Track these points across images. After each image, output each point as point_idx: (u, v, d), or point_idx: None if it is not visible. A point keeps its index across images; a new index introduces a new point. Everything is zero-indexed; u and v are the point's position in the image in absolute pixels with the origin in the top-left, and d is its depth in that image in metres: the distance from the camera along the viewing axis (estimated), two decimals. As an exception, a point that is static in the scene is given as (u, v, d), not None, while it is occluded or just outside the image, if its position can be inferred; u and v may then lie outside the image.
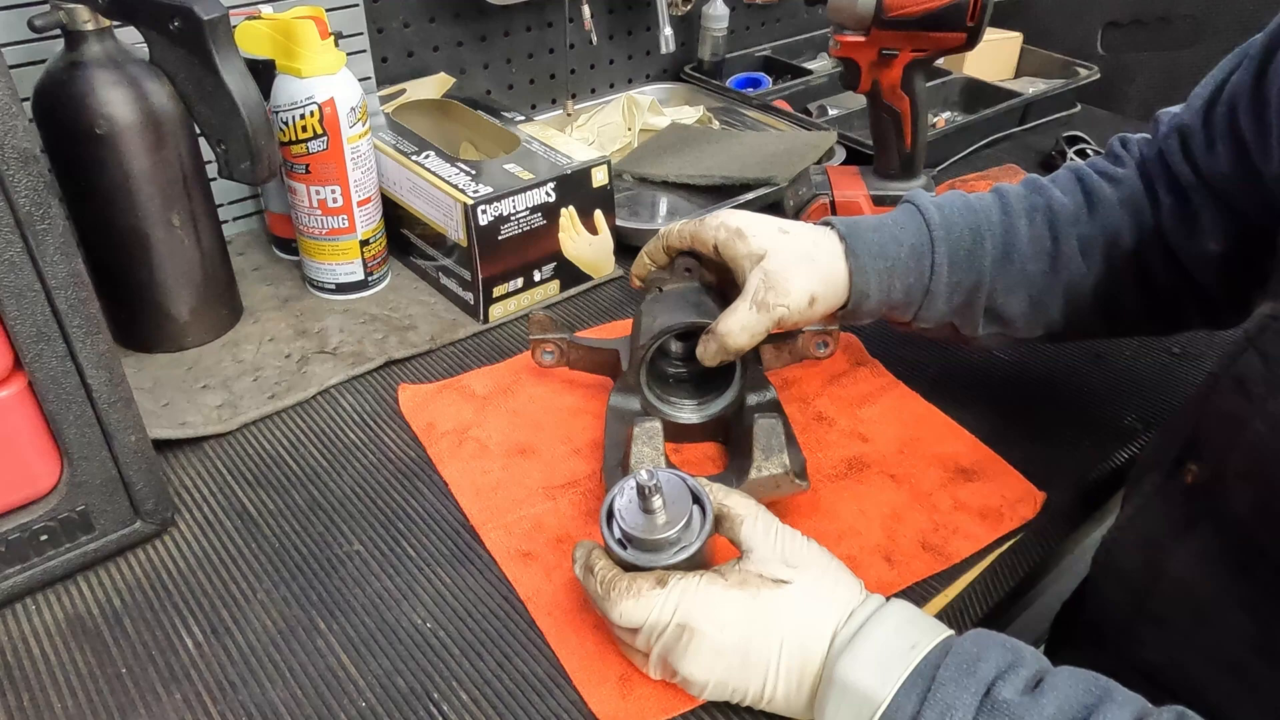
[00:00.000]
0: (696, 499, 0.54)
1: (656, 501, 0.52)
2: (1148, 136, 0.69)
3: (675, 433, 0.71)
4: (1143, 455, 0.63)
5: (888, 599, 0.51)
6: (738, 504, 0.54)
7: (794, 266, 0.64)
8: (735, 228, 0.66)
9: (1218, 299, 0.65)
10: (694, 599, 0.51)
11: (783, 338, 0.70)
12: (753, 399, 0.69)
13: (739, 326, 0.63)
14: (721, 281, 0.70)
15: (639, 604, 0.51)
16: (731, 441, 0.70)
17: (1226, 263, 0.63)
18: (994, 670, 0.45)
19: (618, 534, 0.54)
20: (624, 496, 0.54)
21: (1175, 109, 0.66)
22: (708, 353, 0.65)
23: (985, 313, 0.67)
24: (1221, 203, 0.62)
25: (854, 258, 0.65)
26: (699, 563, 0.54)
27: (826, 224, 0.67)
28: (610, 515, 0.54)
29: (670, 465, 0.65)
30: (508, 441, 0.71)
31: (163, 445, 0.70)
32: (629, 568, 0.53)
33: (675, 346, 0.72)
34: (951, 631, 0.49)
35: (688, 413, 0.71)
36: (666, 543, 0.53)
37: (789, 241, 0.65)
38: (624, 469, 0.63)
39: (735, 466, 0.66)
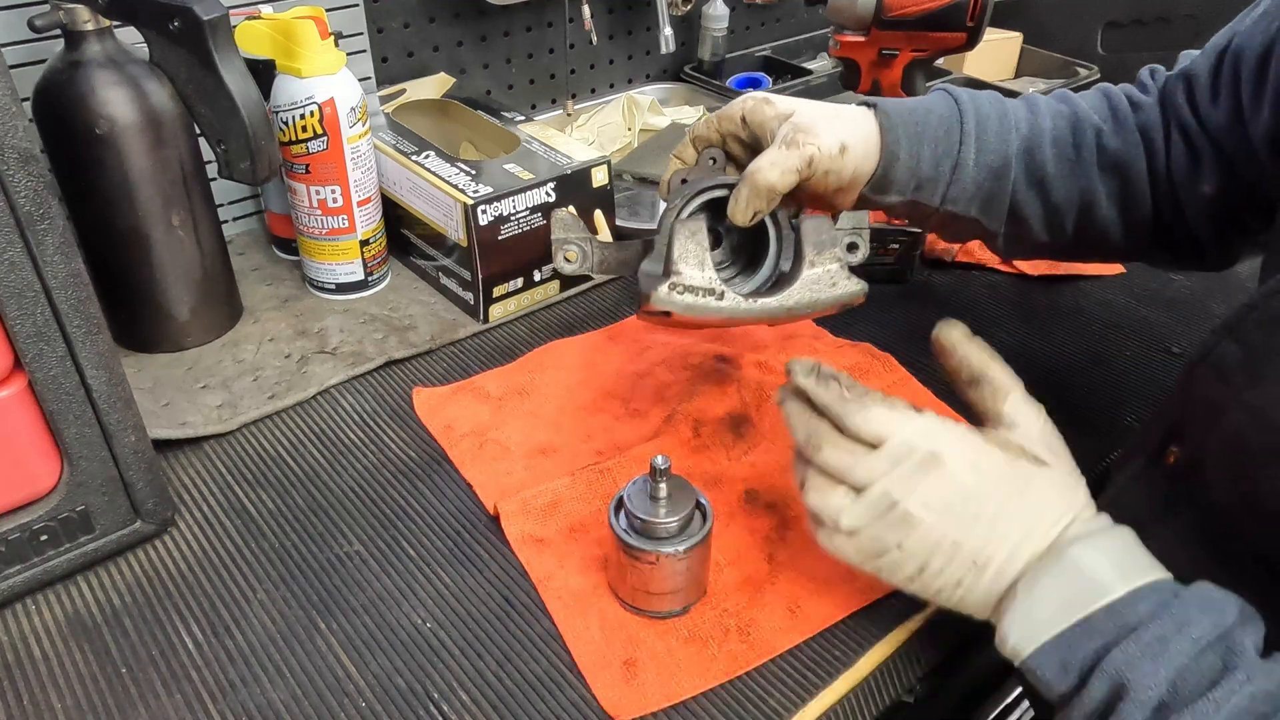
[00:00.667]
0: (699, 506, 0.57)
1: (664, 489, 0.55)
2: (1172, 72, 0.69)
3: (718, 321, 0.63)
4: (1129, 441, 0.64)
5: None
6: (1002, 375, 0.53)
7: (823, 119, 0.62)
8: (761, 97, 0.65)
9: (1206, 241, 0.66)
10: (954, 433, 0.50)
11: (817, 242, 0.63)
12: (788, 269, 0.64)
13: (768, 162, 0.59)
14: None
15: (895, 414, 0.50)
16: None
17: (1215, 207, 0.64)
18: (1234, 618, 0.44)
19: (624, 522, 0.57)
20: (635, 487, 0.57)
21: (1196, 52, 0.67)
22: (739, 202, 0.60)
23: (1008, 208, 0.66)
24: (1217, 149, 0.63)
25: (884, 116, 0.63)
26: (691, 567, 0.56)
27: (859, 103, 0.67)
28: (620, 505, 0.57)
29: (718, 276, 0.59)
30: (528, 442, 0.72)
31: (163, 445, 0.70)
32: (629, 550, 0.55)
33: (706, 234, 0.63)
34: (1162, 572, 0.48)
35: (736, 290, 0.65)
36: (665, 531, 0.55)
37: (817, 104, 0.65)
38: (665, 271, 0.58)
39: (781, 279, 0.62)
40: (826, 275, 0.59)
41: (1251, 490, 0.49)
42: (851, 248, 0.63)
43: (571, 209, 0.66)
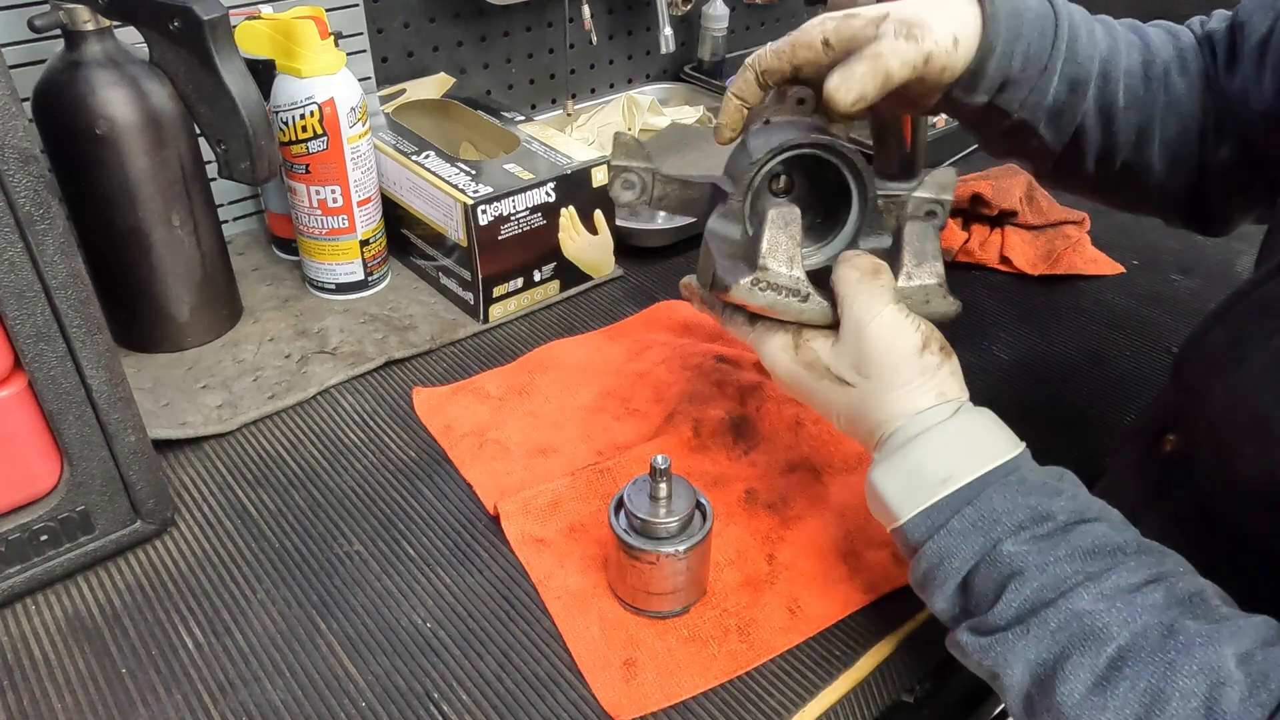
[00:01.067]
0: (699, 506, 0.57)
1: (664, 489, 0.55)
2: (1201, 31, 0.66)
3: None
4: (1127, 427, 0.64)
5: (956, 410, 0.51)
6: (852, 285, 0.52)
7: (929, 9, 0.56)
8: (842, 13, 0.57)
9: (1215, 205, 0.65)
10: (766, 354, 0.56)
11: (892, 201, 0.59)
12: (869, 243, 0.58)
13: (889, 48, 0.53)
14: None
15: (735, 327, 0.58)
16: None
17: (1229, 173, 0.62)
18: (1009, 527, 0.47)
19: (624, 522, 0.56)
20: (635, 487, 0.57)
21: (1225, 12, 0.64)
22: (850, 80, 0.53)
23: (1073, 130, 0.62)
24: (1233, 115, 0.61)
25: (990, 4, 0.57)
26: (691, 567, 0.56)
27: None
28: (620, 505, 0.57)
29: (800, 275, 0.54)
30: (528, 442, 0.72)
31: (163, 445, 0.70)
32: (629, 550, 0.56)
33: (783, 181, 0.59)
34: (999, 462, 0.49)
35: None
36: (665, 531, 0.55)
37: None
38: (750, 262, 0.53)
39: None
40: (921, 291, 0.54)
41: (1232, 470, 0.50)
42: (931, 213, 0.59)
43: (635, 133, 0.60)
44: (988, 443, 0.50)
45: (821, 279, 0.56)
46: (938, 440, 0.50)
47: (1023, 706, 0.46)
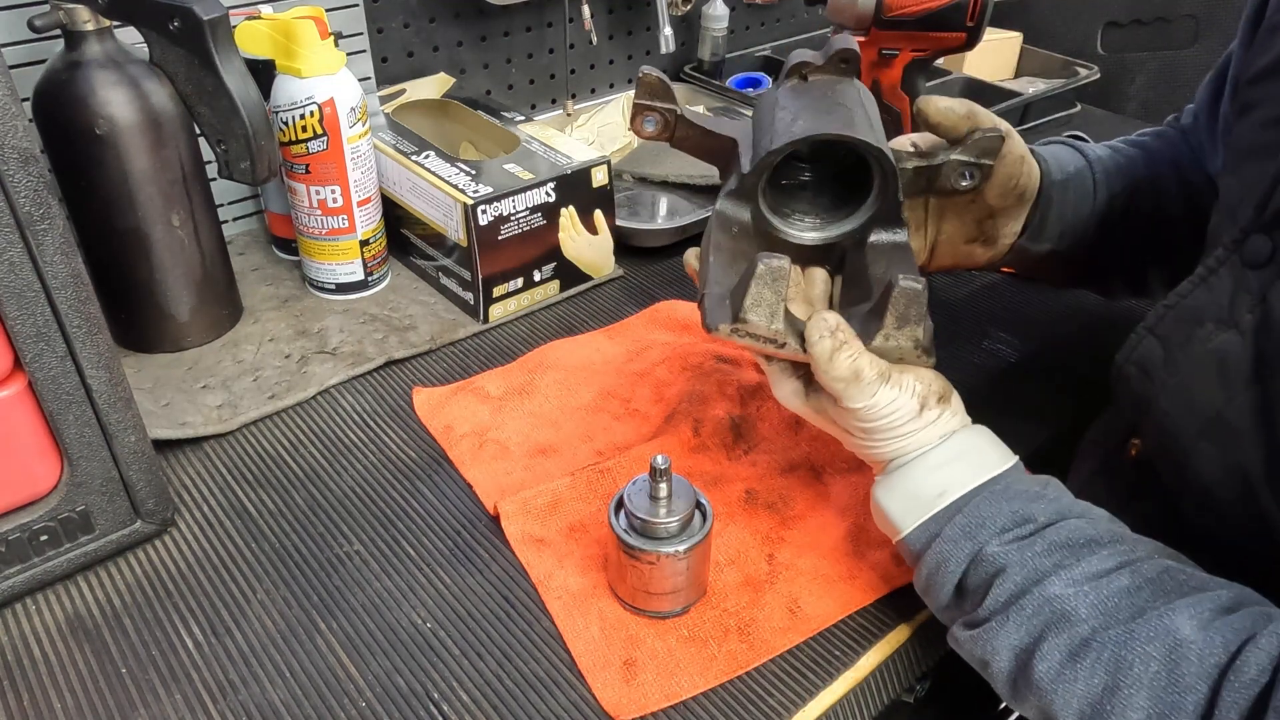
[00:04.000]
0: (699, 506, 0.57)
1: (664, 489, 0.55)
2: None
3: (782, 250, 0.55)
4: (1090, 434, 0.67)
5: (954, 433, 0.55)
6: (840, 386, 0.52)
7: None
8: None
9: (1144, 269, 0.75)
10: (780, 396, 0.58)
11: (928, 162, 0.60)
12: (879, 235, 0.58)
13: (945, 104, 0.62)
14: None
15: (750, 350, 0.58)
16: (846, 276, 0.60)
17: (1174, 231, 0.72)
18: (994, 530, 0.51)
19: (624, 522, 0.56)
20: (635, 486, 0.57)
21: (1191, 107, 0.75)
22: (936, 103, 0.62)
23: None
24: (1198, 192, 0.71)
25: (1043, 162, 0.70)
26: (691, 567, 0.57)
27: None
28: (620, 505, 0.57)
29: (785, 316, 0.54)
30: (528, 442, 0.72)
31: (163, 445, 0.70)
32: (629, 550, 0.56)
33: (806, 149, 0.57)
34: (991, 474, 0.53)
35: (805, 230, 0.59)
36: (665, 531, 0.55)
37: None
38: (734, 310, 0.53)
39: (854, 314, 0.56)
40: (896, 351, 0.54)
41: (1191, 471, 0.54)
42: (965, 176, 0.60)
43: (662, 78, 0.59)
44: (980, 460, 0.54)
45: (827, 254, 0.59)
46: (935, 460, 0.54)
47: (1010, 690, 0.50)
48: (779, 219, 0.59)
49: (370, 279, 0.88)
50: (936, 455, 0.54)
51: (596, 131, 1.16)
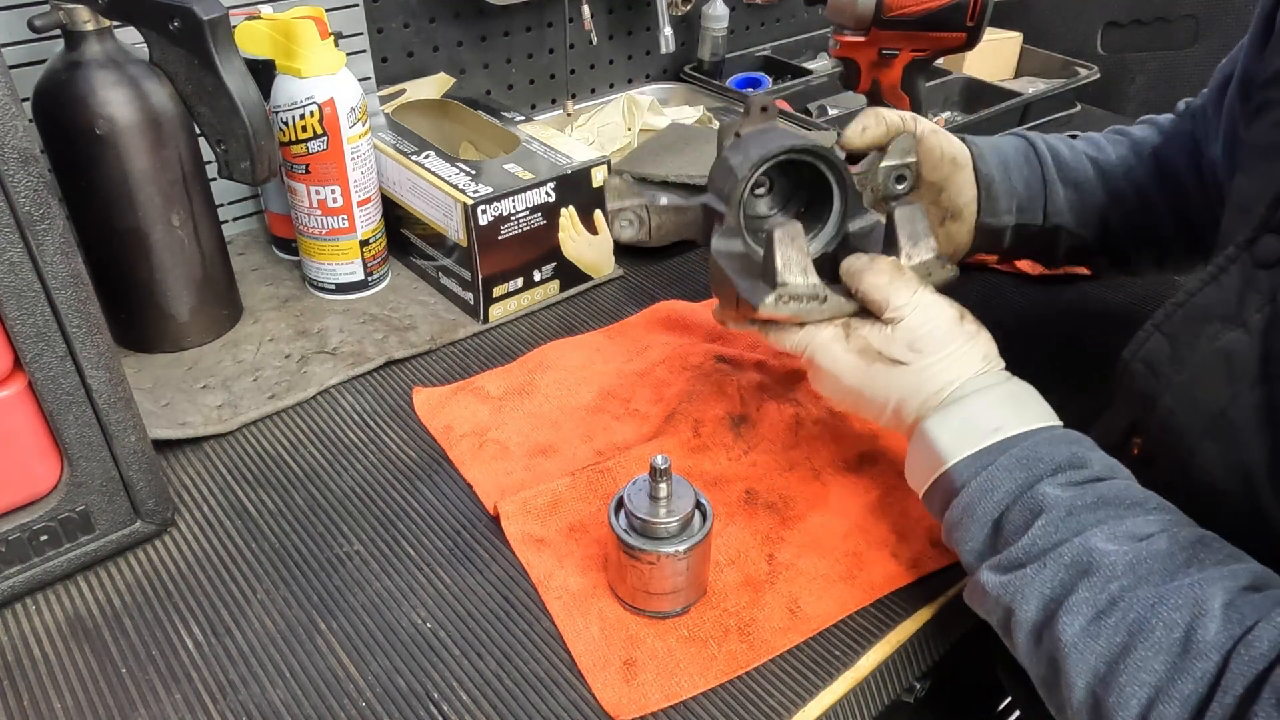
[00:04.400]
0: (699, 506, 0.57)
1: (664, 489, 0.55)
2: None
3: None
4: (1091, 433, 0.67)
5: (1007, 379, 0.57)
6: (885, 283, 0.57)
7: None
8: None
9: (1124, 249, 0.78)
10: (819, 347, 0.59)
11: (864, 175, 0.66)
12: (856, 225, 0.64)
13: (887, 110, 0.68)
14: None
15: (782, 336, 0.60)
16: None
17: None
18: (1049, 468, 0.51)
19: (624, 522, 0.56)
20: (635, 486, 0.57)
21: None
22: (860, 126, 0.67)
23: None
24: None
25: (971, 144, 0.73)
26: (691, 567, 0.56)
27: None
28: (620, 505, 0.57)
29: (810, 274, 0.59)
30: (528, 442, 0.72)
31: (163, 445, 0.70)
32: (629, 550, 0.55)
33: (766, 185, 0.65)
34: (1043, 424, 0.54)
35: None
36: (665, 531, 0.55)
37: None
38: (769, 280, 0.57)
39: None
40: (923, 267, 0.59)
41: (1194, 470, 0.55)
42: (899, 179, 0.66)
43: (627, 175, 0.65)
44: (1034, 407, 0.56)
45: (822, 267, 0.60)
46: (991, 396, 0.55)
47: (1031, 641, 0.49)
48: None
49: (370, 279, 0.88)
50: (993, 393, 0.55)
51: (596, 131, 1.15)
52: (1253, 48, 0.63)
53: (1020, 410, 0.55)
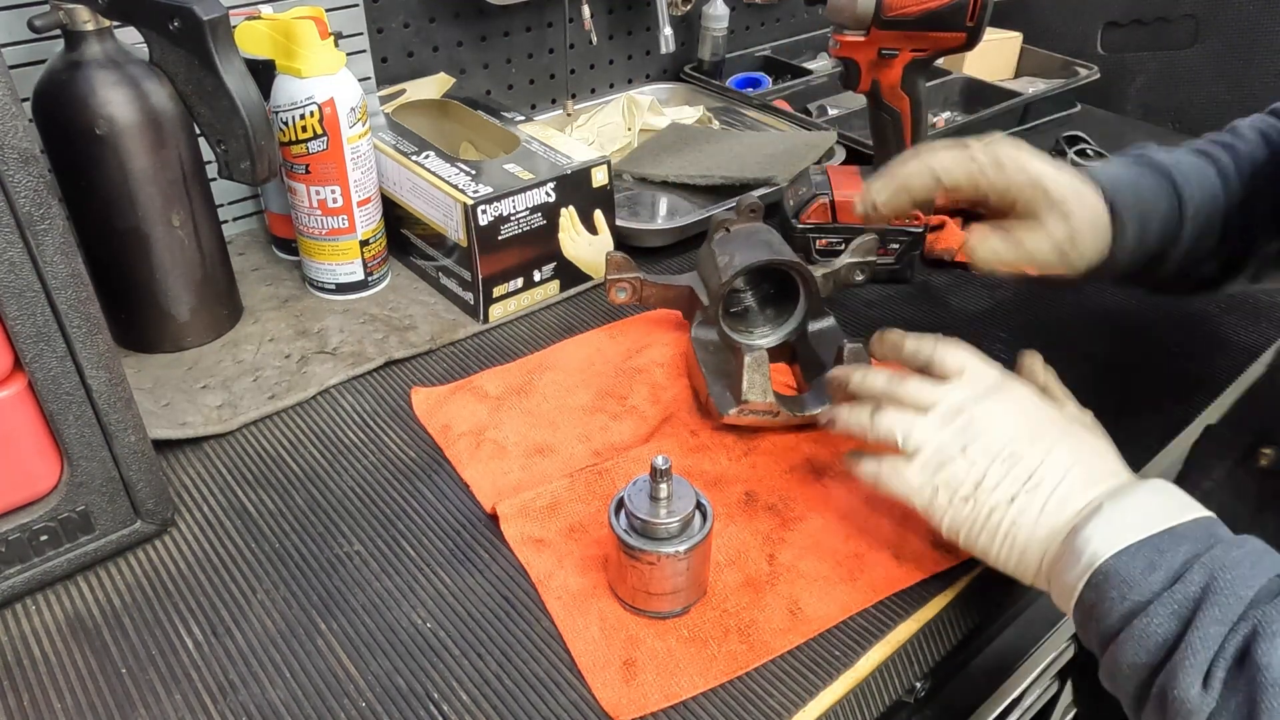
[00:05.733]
0: (699, 506, 0.57)
1: (664, 489, 0.55)
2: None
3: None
4: (1205, 446, 0.65)
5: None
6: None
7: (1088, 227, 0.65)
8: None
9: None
10: (1019, 380, 0.58)
11: (828, 268, 0.79)
12: (815, 325, 0.78)
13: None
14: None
15: (973, 352, 0.59)
16: (801, 361, 0.78)
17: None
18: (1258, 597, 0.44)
19: (624, 522, 0.57)
20: (635, 487, 0.57)
21: None
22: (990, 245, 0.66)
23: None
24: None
25: (1113, 196, 0.67)
26: (691, 568, 0.56)
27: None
28: (620, 505, 0.57)
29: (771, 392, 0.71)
30: (525, 442, 0.72)
31: (163, 445, 0.70)
32: (629, 550, 0.56)
33: (741, 282, 0.80)
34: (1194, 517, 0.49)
35: (760, 338, 0.79)
36: (665, 532, 0.55)
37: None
38: (736, 396, 0.70)
39: (814, 385, 0.74)
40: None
41: None
42: (861, 270, 0.80)
43: (625, 256, 0.78)
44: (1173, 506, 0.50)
45: (781, 353, 0.78)
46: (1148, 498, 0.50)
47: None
48: (739, 335, 0.78)
49: (370, 279, 0.88)
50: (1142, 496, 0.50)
51: (596, 131, 1.16)
52: None
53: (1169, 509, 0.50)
